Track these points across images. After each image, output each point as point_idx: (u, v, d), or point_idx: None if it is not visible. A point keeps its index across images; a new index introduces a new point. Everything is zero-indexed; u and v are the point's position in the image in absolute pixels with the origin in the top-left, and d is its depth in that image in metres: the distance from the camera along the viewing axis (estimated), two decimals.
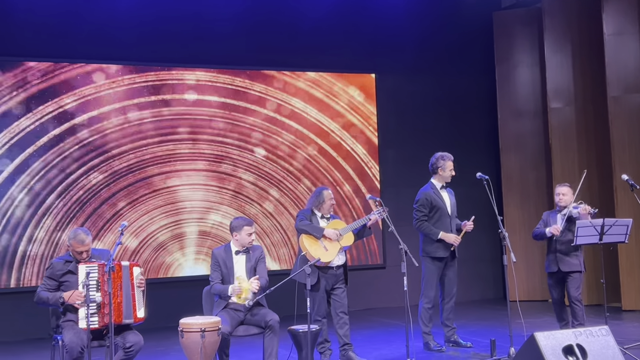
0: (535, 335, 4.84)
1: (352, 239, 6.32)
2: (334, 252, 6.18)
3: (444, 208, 6.84)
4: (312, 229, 6.19)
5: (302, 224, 6.24)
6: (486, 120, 10.80)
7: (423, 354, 6.64)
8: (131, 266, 5.15)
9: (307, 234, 6.19)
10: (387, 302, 9.76)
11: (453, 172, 6.92)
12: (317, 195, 6.36)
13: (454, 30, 10.65)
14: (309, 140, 9.76)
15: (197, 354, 5.09)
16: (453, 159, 6.93)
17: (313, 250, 6.12)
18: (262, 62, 9.60)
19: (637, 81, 8.92)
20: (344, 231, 6.24)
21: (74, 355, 4.81)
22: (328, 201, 6.32)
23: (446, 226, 6.80)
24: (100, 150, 8.77)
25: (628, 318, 8.27)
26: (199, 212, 9.17)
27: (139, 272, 5.17)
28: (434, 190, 6.88)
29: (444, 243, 6.76)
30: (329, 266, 6.21)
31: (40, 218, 8.45)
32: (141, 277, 5.18)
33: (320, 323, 6.17)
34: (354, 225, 6.33)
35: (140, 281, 5.16)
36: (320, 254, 6.11)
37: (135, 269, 5.16)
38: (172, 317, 6.51)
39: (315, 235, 6.16)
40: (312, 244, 6.16)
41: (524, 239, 9.95)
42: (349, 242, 6.29)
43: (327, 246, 6.17)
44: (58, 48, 8.65)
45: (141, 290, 5.16)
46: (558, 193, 6.86)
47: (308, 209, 6.37)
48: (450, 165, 6.89)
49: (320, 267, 6.17)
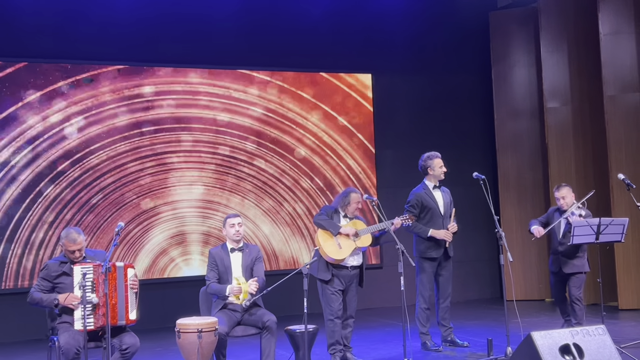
0: (532, 335, 4.84)
1: (370, 240, 6.19)
2: (347, 251, 6.09)
3: (436, 208, 6.80)
4: (329, 224, 6.12)
5: (320, 218, 6.19)
6: (482, 119, 10.81)
7: (420, 353, 6.64)
8: (126, 267, 5.14)
9: (324, 229, 6.15)
10: (384, 302, 9.76)
11: (444, 169, 6.87)
12: (344, 196, 6.29)
13: (451, 30, 10.66)
14: (305, 140, 9.75)
15: (194, 354, 5.08)
16: (441, 156, 6.89)
17: (327, 246, 6.07)
18: (258, 62, 9.59)
19: (633, 80, 8.93)
20: (362, 232, 6.15)
21: (69, 357, 4.80)
22: (354, 204, 6.22)
23: (438, 226, 6.75)
24: (97, 149, 8.77)
25: (625, 317, 8.28)
26: (196, 212, 9.16)
27: (132, 274, 5.15)
28: (425, 190, 6.86)
29: (436, 243, 6.74)
30: (343, 265, 6.14)
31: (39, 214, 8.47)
32: (134, 279, 5.15)
33: (332, 323, 6.12)
34: (374, 228, 6.19)
35: (134, 283, 5.14)
36: (333, 251, 6.06)
37: (129, 270, 5.14)
38: (169, 317, 6.50)
39: (332, 231, 6.10)
40: (327, 240, 6.10)
41: (520, 238, 9.97)
42: (366, 243, 6.17)
43: (342, 244, 6.10)
44: (52, 48, 8.65)
45: (134, 292, 5.14)
46: (558, 198, 6.80)
47: (333, 207, 6.32)
48: (439, 163, 6.84)
49: (334, 265, 6.13)
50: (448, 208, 6.87)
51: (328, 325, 6.16)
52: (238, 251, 5.80)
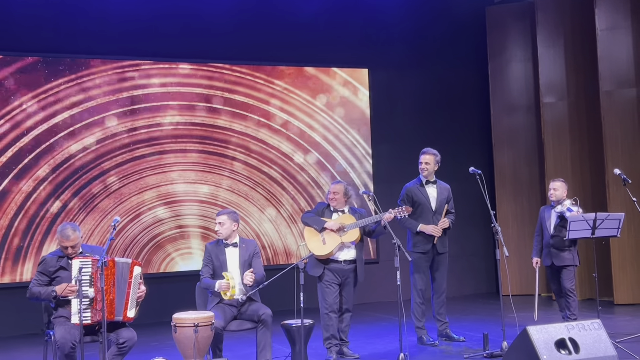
0: (527, 329, 4.85)
1: (357, 235, 6.18)
2: (331, 246, 6.12)
3: (426, 203, 6.78)
4: (313, 221, 6.18)
5: (306, 216, 6.30)
6: (479, 114, 10.82)
7: (416, 348, 6.65)
8: (133, 264, 5.13)
9: (310, 226, 6.20)
10: (380, 297, 9.77)
11: (421, 165, 6.80)
12: (329, 190, 6.37)
13: (447, 25, 10.65)
14: (301, 134, 9.75)
15: (190, 349, 5.08)
16: (428, 152, 6.81)
17: (311, 242, 6.15)
18: (255, 57, 9.57)
19: (629, 76, 8.94)
20: (349, 227, 6.15)
21: (65, 351, 4.79)
22: (329, 194, 6.29)
23: (427, 221, 6.73)
24: (95, 144, 8.77)
25: (620, 312, 8.31)
26: (193, 207, 9.16)
27: (139, 272, 5.14)
28: (417, 185, 6.86)
29: (425, 237, 6.73)
30: (333, 259, 6.16)
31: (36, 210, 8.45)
32: (140, 280, 5.15)
33: (327, 317, 6.14)
34: (363, 222, 6.18)
35: (139, 282, 5.13)
36: (317, 247, 6.11)
37: (136, 268, 5.13)
38: (165, 312, 6.50)
39: (315, 227, 6.15)
40: (312, 237, 6.18)
41: (516, 233, 9.99)
42: (352, 238, 6.16)
43: (327, 239, 6.14)
44: (48, 41, 8.63)
45: (137, 290, 5.14)
46: (550, 188, 6.91)
47: (324, 203, 6.40)
48: (421, 159, 6.81)
49: (321, 259, 6.16)
50: (442, 204, 6.84)
51: (323, 319, 6.18)
52: (233, 247, 5.79)
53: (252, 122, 9.49)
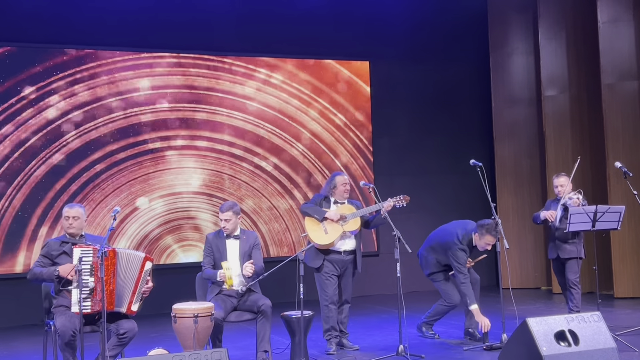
0: (527, 321, 4.85)
1: (358, 224, 6.18)
2: (333, 235, 6.11)
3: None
4: (314, 211, 6.16)
5: (305, 206, 6.26)
6: (480, 107, 10.80)
7: (416, 340, 6.65)
8: (145, 259, 5.11)
9: (310, 216, 6.18)
10: (380, 289, 9.78)
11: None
12: (330, 181, 6.32)
13: (449, 18, 10.62)
14: (301, 127, 9.73)
15: (190, 339, 5.08)
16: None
17: (313, 232, 6.12)
18: (256, 50, 9.56)
19: (631, 69, 8.91)
20: (350, 216, 6.15)
21: (65, 339, 4.78)
22: (341, 187, 6.23)
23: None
24: (95, 135, 8.76)
25: (620, 305, 8.31)
26: (193, 199, 9.15)
27: (149, 267, 5.12)
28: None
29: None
30: (333, 250, 6.16)
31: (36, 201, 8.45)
32: (148, 277, 5.14)
33: (327, 309, 6.14)
34: (363, 212, 6.19)
35: (147, 277, 5.13)
36: (319, 236, 6.10)
37: (147, 263, 5.10)
38: (165, 303, 6.49)
39: (316, 217, 6.14)
40: (313, 227, 6.15)
41: (517, 226, 9.98)
42: (354, 227, 6.16)
43: (328, 229, 6.13)
44: (50, 33, 8.61)
45: (145, 285, 5.12)
46: (556, 185, 6.85)
47: (322, 194, 6.34)
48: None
49: (322, 250, 6.15)
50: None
51: (323, 311, 6.18)
52: (234, 238, 5.79)
53: (252, 114, 9.48)
